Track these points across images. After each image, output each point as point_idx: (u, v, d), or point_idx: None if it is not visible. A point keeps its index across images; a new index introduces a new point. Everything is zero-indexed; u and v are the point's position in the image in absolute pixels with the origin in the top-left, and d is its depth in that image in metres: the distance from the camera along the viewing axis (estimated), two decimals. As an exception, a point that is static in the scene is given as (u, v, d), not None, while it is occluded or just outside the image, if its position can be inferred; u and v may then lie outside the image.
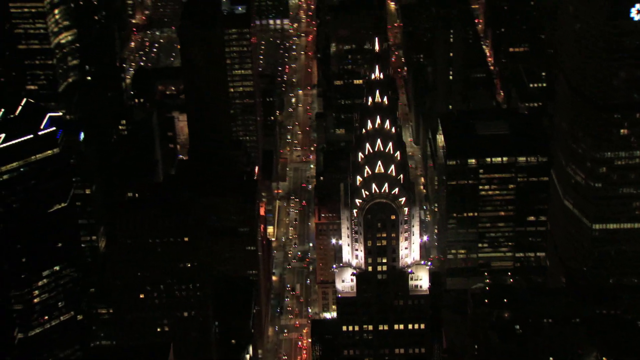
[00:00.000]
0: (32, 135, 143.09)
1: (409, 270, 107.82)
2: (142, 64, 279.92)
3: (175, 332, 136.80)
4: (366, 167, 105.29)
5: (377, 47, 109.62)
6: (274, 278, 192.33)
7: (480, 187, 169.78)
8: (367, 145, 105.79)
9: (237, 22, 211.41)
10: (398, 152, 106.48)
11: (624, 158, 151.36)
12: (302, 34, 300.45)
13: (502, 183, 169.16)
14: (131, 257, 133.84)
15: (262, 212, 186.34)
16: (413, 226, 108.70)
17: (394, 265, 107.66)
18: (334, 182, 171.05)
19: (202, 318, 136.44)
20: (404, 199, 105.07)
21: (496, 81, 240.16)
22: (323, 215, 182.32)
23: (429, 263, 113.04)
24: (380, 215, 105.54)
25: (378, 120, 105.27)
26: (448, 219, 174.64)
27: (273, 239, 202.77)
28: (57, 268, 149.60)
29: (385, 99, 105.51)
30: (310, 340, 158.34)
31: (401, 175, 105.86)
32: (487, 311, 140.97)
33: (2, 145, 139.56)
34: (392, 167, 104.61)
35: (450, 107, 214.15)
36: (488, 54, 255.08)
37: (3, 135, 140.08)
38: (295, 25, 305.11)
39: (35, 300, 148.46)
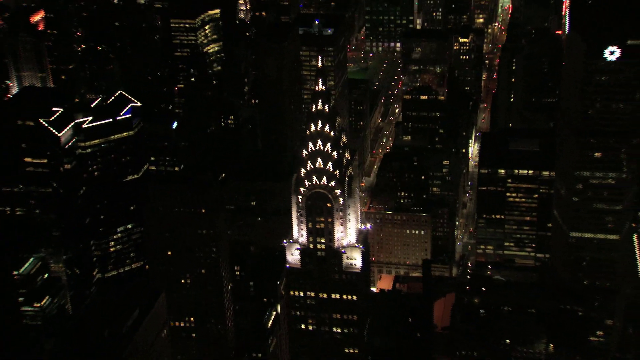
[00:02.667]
0: (111, 120, 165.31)
1: (343, 250, 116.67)
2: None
3: (195, 286, 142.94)
4: (308, 162, 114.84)
5: (319, 64, 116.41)
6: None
7: (508, 194, 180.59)
8: (310, 144, 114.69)
9: (319, 42, 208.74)
10: (335, 152, 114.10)
11: (598, 178, 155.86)
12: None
13: (527, 192, 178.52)
14: (162, 222, 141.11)
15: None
16: (349, 214, 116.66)
17: (330, 245, 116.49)
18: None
19: (217, 276, 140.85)
20: (339, 190, 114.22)
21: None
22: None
23: (362, 246, 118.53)
24: (319, 202, 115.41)
25: (320, 125, 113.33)
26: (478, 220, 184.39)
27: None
28: (129, 226, 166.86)
29: (326, 107, 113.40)
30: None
31: (337, 171, 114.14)
32: (461, 296, 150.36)
33: (88, 126, 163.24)
34: (330, 163, 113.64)
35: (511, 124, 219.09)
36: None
37: (91, 118, 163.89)
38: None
39: (111, 250, 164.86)
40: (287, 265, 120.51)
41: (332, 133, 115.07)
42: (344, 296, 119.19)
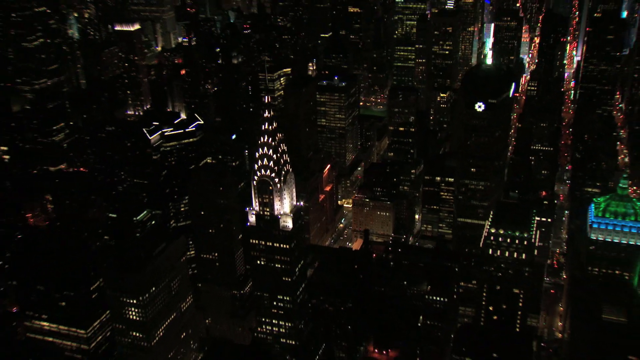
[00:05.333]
0: (182, 131, 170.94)
1: (279, 216, 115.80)
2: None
3: (217, 233, 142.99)
4: (259, 160, 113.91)
5: (266, 99, 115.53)
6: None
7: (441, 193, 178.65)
8: (259, 150, 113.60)
9: (330, 89, 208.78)
10: (275, 155, 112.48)
11: (474, 184, 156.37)
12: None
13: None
14: (200, 194, 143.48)
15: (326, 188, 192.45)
16: (284, 194, 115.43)
17: (272, 212, 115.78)
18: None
19: (229, 229, 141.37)
20: (277, 179, 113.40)
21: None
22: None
23: (291, 214, 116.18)
24: (264, 186, 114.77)
25: (265, 138, 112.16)
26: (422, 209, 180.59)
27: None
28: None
29: (270, 126, 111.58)
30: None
31: (276, 167, 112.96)
32: (386, 254, 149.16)
33: (169, 134, 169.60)
34: (271, 162, 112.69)
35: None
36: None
37: (171, 129, 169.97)
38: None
39: (181, 209, 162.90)
40: (247, 224, 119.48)
41: (273, 143, 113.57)
42: (281, 245, 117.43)
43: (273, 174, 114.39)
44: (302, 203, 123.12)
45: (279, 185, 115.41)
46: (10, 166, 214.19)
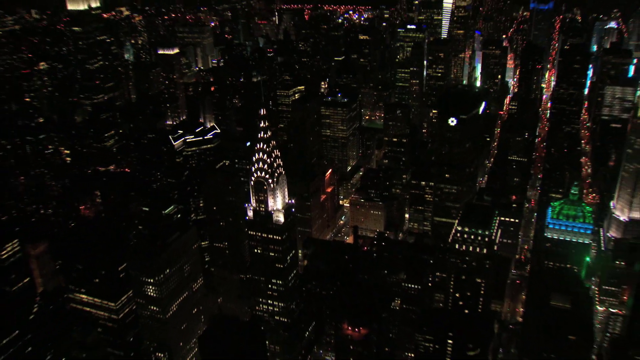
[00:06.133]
0: (201, 138, 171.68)
1: (272, 212, 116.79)
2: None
3: (227, 226, 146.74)
4: (255, 164, 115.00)
5: (262, 112, 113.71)
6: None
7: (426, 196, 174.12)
8: (256, 155, 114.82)
9: (334, 104, 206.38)
10: (269, 159, 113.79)
11: (448, 188, 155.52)
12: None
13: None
14: (212, 192, 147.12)
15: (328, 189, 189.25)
16: (277, 193, 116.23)
17: (266, 208, 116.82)
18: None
19: (237, 223, 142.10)
20: (270, 180, 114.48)
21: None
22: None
23: (282, 210, 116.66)
24: (260, 185, 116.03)
25: (261, 145, 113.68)
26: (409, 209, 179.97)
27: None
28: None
29: (265, 135, 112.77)
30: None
31: (270, 170, 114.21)
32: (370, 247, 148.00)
33: (190, 140, 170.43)
34: (265, 165, 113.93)
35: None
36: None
37: (192, 136, 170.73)
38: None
39: (200, 205, 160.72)
40: (247, 218, 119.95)
41: (267, 149, 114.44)
42: (274, 236, 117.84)
43: (267, 176, 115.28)
44: (293, 201, 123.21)
45: (272, 185, 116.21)
46: (70, 167, 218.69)
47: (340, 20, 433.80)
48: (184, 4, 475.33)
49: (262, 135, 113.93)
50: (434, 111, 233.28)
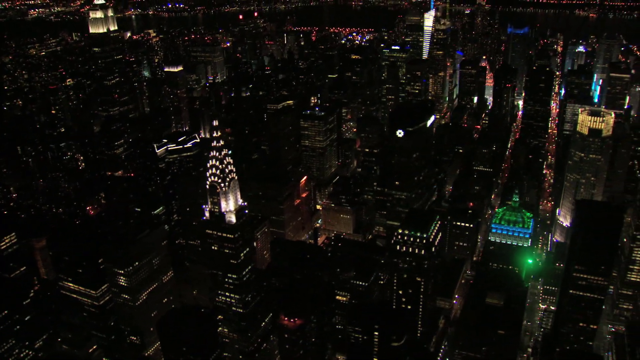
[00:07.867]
0: (181, 146, 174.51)
1: (224, 212, 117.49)
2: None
3: (196, 232, 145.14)
4: (209, 170, 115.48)
5: (216, 134, 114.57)
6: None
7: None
8: (209, 162, 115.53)
9: (312, 117, 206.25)
10: (221, 166, 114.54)
11: (398, 194, 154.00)
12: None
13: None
14: (185, 194, 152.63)
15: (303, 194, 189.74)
16: (229, 196, 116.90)
17: (219, 209, 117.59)
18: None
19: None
20: (223, 184, 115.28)
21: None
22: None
23: (234, 211, 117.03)
24: (214, 189, 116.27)
25: (214, 152, 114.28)
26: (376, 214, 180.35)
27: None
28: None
29: (218, 144, 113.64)
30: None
31: (222, 175, 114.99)
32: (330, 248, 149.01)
33: (172, 148, 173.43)
34: (217, 171, 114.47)
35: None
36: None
37: (174, 144, 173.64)
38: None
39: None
40: (203, 218, 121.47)
41: (219, 156, 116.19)
42: (227, 235, 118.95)
43: (220, 180, 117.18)
44: (245, 203, 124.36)
45: (224, 188, 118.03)
46: (83, 171, 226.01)
47: (343, 42, 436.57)
48: (205, 26, 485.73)
49: (214, 143, 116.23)
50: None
